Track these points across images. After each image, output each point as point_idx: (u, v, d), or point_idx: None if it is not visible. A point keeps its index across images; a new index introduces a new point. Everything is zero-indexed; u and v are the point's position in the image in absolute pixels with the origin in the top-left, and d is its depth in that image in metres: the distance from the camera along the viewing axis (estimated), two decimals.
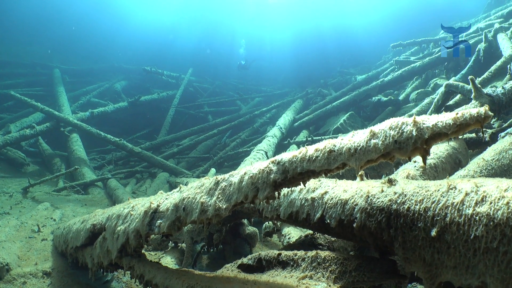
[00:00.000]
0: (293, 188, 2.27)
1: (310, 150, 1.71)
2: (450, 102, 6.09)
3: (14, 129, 11.33)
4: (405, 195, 1.65)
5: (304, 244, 2.49)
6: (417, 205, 1.57)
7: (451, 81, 6.11)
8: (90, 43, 31.15)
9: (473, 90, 3.92)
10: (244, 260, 2.25)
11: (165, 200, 2.27)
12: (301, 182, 1.77)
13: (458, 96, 6.26)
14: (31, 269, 4.13)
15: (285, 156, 1.84)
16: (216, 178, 2.08)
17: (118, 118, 16.33)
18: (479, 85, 4.03)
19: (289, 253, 2.08)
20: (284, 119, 10.77)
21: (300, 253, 2.03)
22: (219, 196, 1.92)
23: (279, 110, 14.93)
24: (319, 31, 33.43)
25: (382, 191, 1.79)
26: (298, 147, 8.87)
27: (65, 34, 31.65)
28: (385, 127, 1.46)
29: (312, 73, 22.94)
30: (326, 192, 2.04)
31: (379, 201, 1.76)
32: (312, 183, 2.19)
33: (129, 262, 2.38)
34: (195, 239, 3.63)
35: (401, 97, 10.64)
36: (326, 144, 1.66)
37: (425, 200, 1.55)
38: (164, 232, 2.11)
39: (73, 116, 12.25)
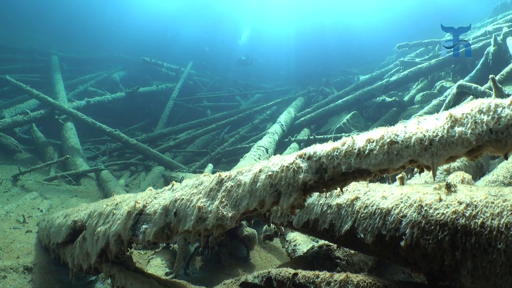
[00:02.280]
0: None
1: (359, 141, 1.33)
2: (462, 104, 5.86)
3: (8, 115, 11.02)
4: (476, 206, 1.30)
5: (318, 257, 2.12)
6: (494, 219, 1.22)
7: (464, 82, 5.86)
8: (90, 31, 30.75)
9: (493, 90, 3.68)
10: (249, 278, 1.86)
11: (153, 199, 1.89)
12: (339, 187, 1.39)
13: (469, 98, 6.02)
14: (12, 262, 3.86)
15: (320, 148, 1.45)
16: (219, 176, 1.71)
17: (115, 108, 16.06)
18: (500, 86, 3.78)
19: (309, 273, 1.68)
20: (285, 116, 10.49)
21: (324, 274, 1.63)
22: (223, 200, 1.55)
23: (280, 107, 14.67)
24: (322, 29, 33.07)
25: (440, 199, 1.44)
26: (299, 146, 8.61)
27: (65, 21, 31.24)
28: (471, 111, 1.10)
29: (314, 71, 22.67)
30: (357, 198, 1.66)
31: (438, 213, 1.40)
32: None
33: (109, 270, 2.05)
34: (188, 240, 3.36)
35: (405, 99, 10.40)
36: (383, 133, 1.27)
37: (505, 213, 1.22)
38: (149, 240, 1.73)
39: (68, 104, 11.95)
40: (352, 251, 2.17)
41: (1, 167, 8.75)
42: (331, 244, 2.24)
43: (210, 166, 7.71)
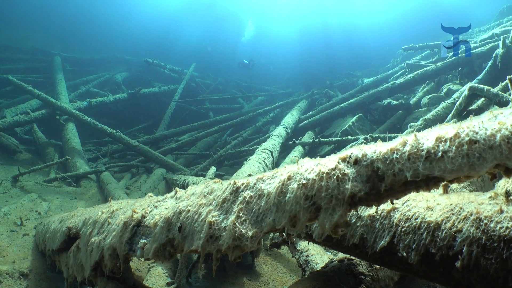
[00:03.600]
0: None
1: (425, 140, 1.08)
2: (473, 106, 5.70)
3: (9, 115, 10.91)
4: None
5: (340, 272, 1.86)
6: None
7: (475, 84, 5.70)
8: (93, 32, 30.65)
9: None
10: None
11: (154, 209, 1.64)
12: (394, 199, 1.15)
13: (481, 100, 5.87)
14: (8, 267, 3.72)
15: (370, 150, 1.19)
16: (235, 183, 1.44)
17: (117, 110, 15.95)
18: None
19: None
20: (289, 119, 10.33)
21: None
22: (241, 214, 1.30)
23: (283, 109, 14.52)
24: (325, 29, 32.80)
25: (501, 211, 1.22)
26: (304, 149, 8.45)
27: (68, 21, 31.19)
28: None
29: (317, 74, 22.49)
30: (394, 209, 1.41)
31: (501, 228, 1.17)
32: None
33: (104, 286, 1.85)
34: None
35: (411, 102, 10.23)
36: (457, 129, 1.03)
37: None
38: (149, 258, 1.48)
39: (70, 105, 11.82)
40: (377, 266, 1.93)
41: (1, 167, 8.62)
42: (353, 257, 1.99)
43: (213, 169, 7.55)
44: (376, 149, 1.20)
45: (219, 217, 1.37)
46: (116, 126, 11.41)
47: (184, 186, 5.83)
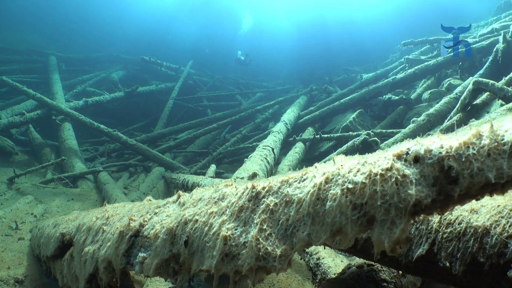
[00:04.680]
0: None
1: (504, 132, 0.88)
2: (477, 101, 5.58)
3: (4, 116, 10.74)
4: None
5: (360, 280, 1.68)
6: None
7: (479, 78, 5.58)
8: (88, 31, 30.42)
9: None
10: None
11: (153, 216, 1.41)
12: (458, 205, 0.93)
13: (485, 95, 5.75)
14: (2, 274, 3.58)
15: (435, 145, 0.96)
16: (253, 187, 1.21)
17: (113, 109, 15.79)
18: None
19: None
20: (289, 115, 10.19)
21: None
22: (264, 226, 1.07)
23: (282, 106, 14.39)
24: (323, 23, 32.54)
25: None
26: (305, 145, 8.32)
27: (63, 21, 30.92)
28: None
29: (315, 69, 22.34)
30: None
31: None
32: None
33: None
34: None
35: (412, 97, 10.11)
36: None
37: None
38: (149, 275, 1.26)
39: (66, 104, 11.65)
40: (400, 272, 1.74)
41: None
42: (372, 263, 1.79)
43: (213, 167, 7.41)
44: (442, 143, 0.97)
45: (236, 230, 1.14)
46: (113, 125, 11.24)
47: (184, 185, 5.69)
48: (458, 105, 5.66)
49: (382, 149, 4.97)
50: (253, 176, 4.07)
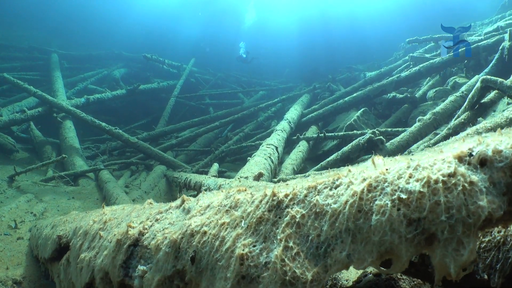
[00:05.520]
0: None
1: None
2: (485, 99, 5.47)
3: (5, 113, 10.66)
4: None
5: None
6: None
7: (487, 76, 5.47)
8: (90, 28, 30.31)
9: None
10: None
11: (155, 223, 1.24)
12: None
13: (493, 93, 5.64)
14: (0, 275, 3.49)
15: (505, 144, 0.80)
16: (274, 195, 1.02)
17: (115, 107, 15.72)
18: None
19: None
20: (292, 113, 10.08)
21: None
22: (290, 243, 0.88)
23: (285, 104, 14.28)
24: (325, 20, 32.15)
25: None
26: (309, 144, 8.22)
27: (65, 18, 30.83)
28: None
29: (318, 68, 22.19)
30: None
31: None
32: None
33: None
34: None
35: (417, 95, 9.99)
36: None
37: None
38: None
39: (67, 102, 11.56)
40: (420, 280, 1.57)
41: None
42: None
43: (215, 166, 7.31)
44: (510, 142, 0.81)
45: (254, 246, 0.94)
46: (114, 123, 11.17)
47: (186, 184, 5.59)
48: (466, 104, 5.55)
49: (387, 148, 4.81)
50: (259, 176, 3.96)
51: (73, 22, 31.03)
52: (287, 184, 1.13)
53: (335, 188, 0.99)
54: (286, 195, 1.04)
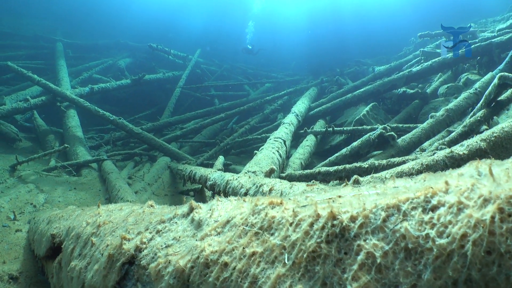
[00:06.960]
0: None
1: None
2: (502, 97, 5.24)
3: (9, 102, 10.54)
4: None
5: None
6: None
7: (505, 73, 5.24)
8: (96, 17, 30.09)
9: None
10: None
11: (155, 235, 0.98)
12: None
13: (510, 91, 5.41)
14: None
15: None
16: (334, 217, 0.69)
17: (120, 97, 15.59)
18: None
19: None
20: (300, 106, 9.86)
21: None
22: None
23: (292, 97, 14.06)
24: (335, 12, 31.64)
25: None
26: (316, 138, 8.03)
27: (71, 7, 30.64)
28: None
29: (326, 61, 21.85)
30: None
31: None
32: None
33: None
34: None
35: (428, 91, 9.74)
36: None
37: None
38: None
39: (71, 91, 11.42)
40: None
41: (0, 156, 8.28)
42: None
43: (221, 159, 7.15)
44: None
45: None
46: (119, 113, 11.02)
47: (191, 178, 5.42)
48: (482, 101, 5.32)
49: (399, 144, 4.58)
50: (271, 172, 3.76)
51: (78, 11, 30.85)
52: (339, 196, 0.80)
53: (431, 210, 0.67)
54: (353, 218, 0.69)
